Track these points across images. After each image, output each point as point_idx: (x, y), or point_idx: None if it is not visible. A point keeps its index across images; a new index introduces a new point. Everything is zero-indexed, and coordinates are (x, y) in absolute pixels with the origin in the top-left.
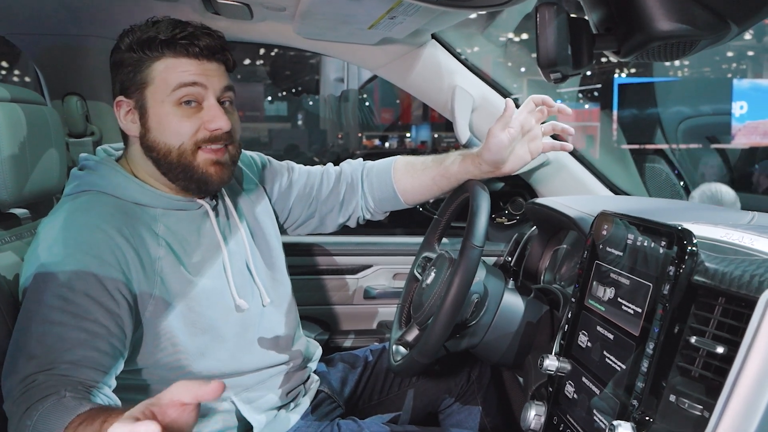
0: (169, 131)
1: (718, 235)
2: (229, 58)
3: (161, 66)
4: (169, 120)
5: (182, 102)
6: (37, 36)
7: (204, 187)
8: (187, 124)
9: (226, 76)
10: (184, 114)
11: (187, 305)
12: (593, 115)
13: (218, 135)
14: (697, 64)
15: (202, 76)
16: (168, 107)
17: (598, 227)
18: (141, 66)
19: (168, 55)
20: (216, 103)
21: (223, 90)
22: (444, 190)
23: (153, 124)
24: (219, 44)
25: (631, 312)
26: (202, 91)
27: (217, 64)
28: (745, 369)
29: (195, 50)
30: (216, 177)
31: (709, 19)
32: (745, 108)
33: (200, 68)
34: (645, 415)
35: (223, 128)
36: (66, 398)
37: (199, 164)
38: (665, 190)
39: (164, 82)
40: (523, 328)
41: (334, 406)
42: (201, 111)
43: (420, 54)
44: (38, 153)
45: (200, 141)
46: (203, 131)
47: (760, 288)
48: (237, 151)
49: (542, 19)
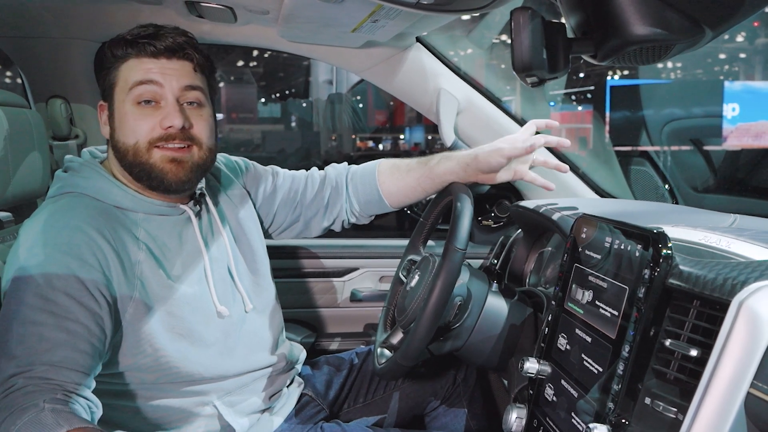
0: (126, 130)
1: (695, 238)
2: (195, 57)
3: (126, 66)
4: (126, 119)
5: (141, 101)
6: (21, 39)
7: (162, 186)
8: (143, 122)
9: (189, 75)
10: (141, 113)
11: (167, 310)
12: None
13: (172, 133)
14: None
15: (159, 74)
16: (127, 106)
17: (578, 230)
18: (112, 68)
19: (131, 55)
20: (173, 101)
21: (184, 89)
22: (428, 192)
23: (116, 124)
24: (181, 42)
25: (609, 315)
26: (159, 89)
27: (180, 63)
28: (718, 371)
29: (151, 49)
30: (171, 174)
31: (684, 23)
32: (737, 110)
33: (158, 66)
34: (621, 418)
35: (176, 126)
36: (45, 413)
37: (156, 161)
38: (650, 193)
39: (125, 81)
40: (507, 330)
41: (318, 410)
42: (159, 110)
43: (405, 57)
44: (21, 156)
45: (155, 139)
46: (157, 129)
47: (733, 291)
48: (205, 155)
49: (516, 23)
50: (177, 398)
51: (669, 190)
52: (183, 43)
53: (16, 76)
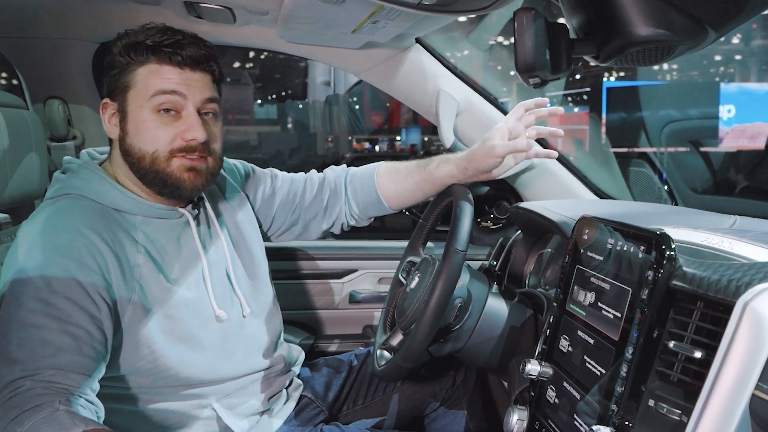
0: (145, 137)
1: (697, 240)
2: (215, 70)
3: (145, 71)
4: (146, 126)
5: (161, 109)
6: (18, 39)
7: (177, 193)
8: (163, 132)
9: (210, 88)
10: (161, 121)
11: (165, 313)
12: (582, 119)
13: (193, 145)
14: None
15: (183, 85)
16: (146, 113)
17: (579, 231)
18: (126, 69)
19: (152, 61)
20: (195, 113)
21: (205, 101)
22: (428, 195)
23: (131, 128)
24: (205, 54)
25: (611, 317)
26: (182, 100)
27: (202, 75)
28: (723, 373)
29: (178, 59)
30: (189, 183)
31: (687, 24)
32: (732, 111)
33: (182, 77)
34: (624, 420)
35: (199, 139)
36: (60, 412)
37: (173, 170)
38: (650, 194)
39: (145, 87)
40: (507, 332)
41: (317, 411)
42: (179, 120)
43: (404, 58)
44: (19, 157)
45: (175, 150)
46: (179, 140)
47: (737, 292)
48: (217, 163)
49: (520, 24)
50: (176, 401)
51: (668, 191)
52: (207, 55)
53: (12, 77)
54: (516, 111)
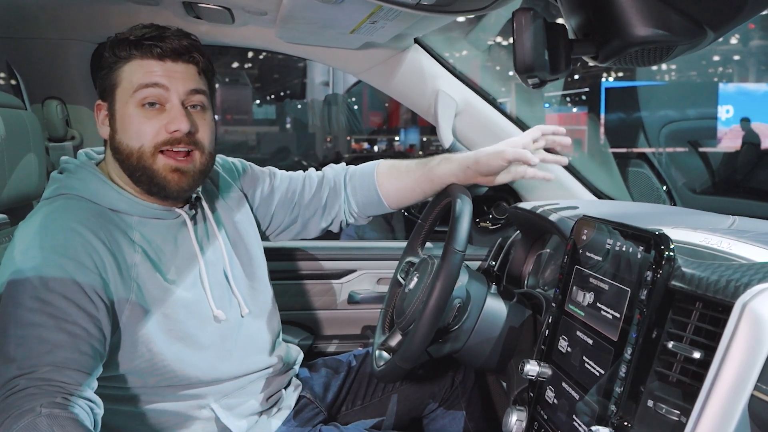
0: (131, 132)
1: (696, 240)
2: (200, 60)
3: (129, 67)
4: (131, 121)
5: (145, 104)
6: (17, 39)
7: (164, 193)
8: (148, 125)
9: (194, 79)
10: (145, 115)
11: (163, 313)
12: (581, 119)
13: (178, 137)
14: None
15: (165, 77)
16: (131, 108)
17: (578, 232)
18: (113, 68)
19: (135, 56)
20: (179, 105)
21: (189, 92)
22: (427, 193)
23: (118, 125)
24: (186, 45)
25: (610, 317)
26: (165, 92)
27: (185, 66)
28: (721, 374)
29: (158, 51)
30: (174, 184)
31: (686, 24)
32: (731, 112)
33: (163, 69)
34: (623, 420)
35: (182, 129)
36: (40, 418)
37: (159, 169)
38: (648, 195)
39: (129, 83)
40: (506, 332)
41: (316, 412)
42: (164, 113)
43: (403, 58)
44: (17, 157)
45: (160, 143)
46: (163, 133)
47: (736, 293)
48: (206, 160)
49: (519, 24)
50: (174, 401)
51: (667, 191)
52: (188, 45)
53: (11, 77)
54: (533, 132)
